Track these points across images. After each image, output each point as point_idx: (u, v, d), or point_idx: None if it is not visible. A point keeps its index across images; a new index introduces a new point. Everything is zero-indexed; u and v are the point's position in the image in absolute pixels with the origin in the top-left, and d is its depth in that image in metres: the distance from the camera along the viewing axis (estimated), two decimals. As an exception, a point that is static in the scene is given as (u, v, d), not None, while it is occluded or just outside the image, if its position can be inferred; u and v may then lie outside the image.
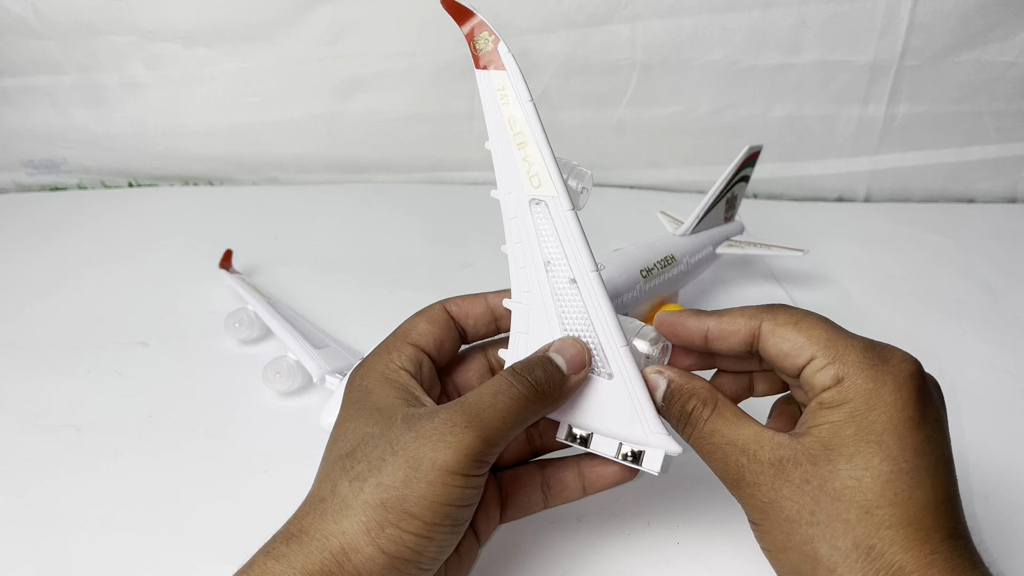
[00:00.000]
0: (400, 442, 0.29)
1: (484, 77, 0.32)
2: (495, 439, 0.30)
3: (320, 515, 0.29)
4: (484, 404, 0.30)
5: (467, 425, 0.29)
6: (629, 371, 0.32)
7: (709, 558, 0.40)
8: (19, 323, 0.61)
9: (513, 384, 0.31)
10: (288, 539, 0.28)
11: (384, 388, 0.32)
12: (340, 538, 0.28)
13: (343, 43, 0.82)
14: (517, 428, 0.31)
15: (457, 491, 0.29)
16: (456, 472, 0.28)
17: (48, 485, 0.44)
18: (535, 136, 0.32)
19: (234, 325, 0.56)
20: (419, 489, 0.28)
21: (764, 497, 0.29)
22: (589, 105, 0.85)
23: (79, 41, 0.81)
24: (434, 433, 0.29)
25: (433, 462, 0.28)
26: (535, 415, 0.32)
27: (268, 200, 0.87)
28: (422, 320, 0.35)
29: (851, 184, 0.90)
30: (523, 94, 0.31)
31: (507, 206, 0.33)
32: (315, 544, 0.28)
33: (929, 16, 0.78)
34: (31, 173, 0.90)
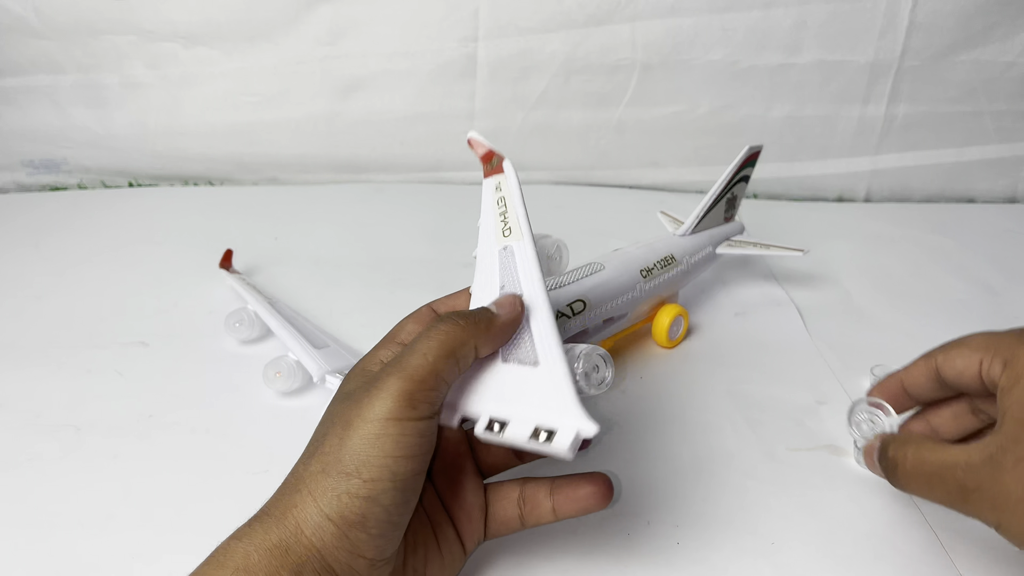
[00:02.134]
0: (339, 412, 0.30)
1: (488, 182, 0.40)
2: (417, 375, 0.30)
3: (279, 495, 0.30)
4: (406, 351, 0.31)
5: (390, 374, 0.30)
6: (554, 356, 0.32)
7: (709, 558, 0.40)
8: (19, 323, 0.61)
9: (435, 324, 0.31)
10: (252, 521, 0.30)
11: (356, 379, 0.33)
12: (293, 511, 0.29)
13: (343, 43, 0.82)
14: (443, 360, 0.30)
15: (391, 439, 0.29)
16: (386, 418, 0.29)
17: (48, 485, 0.44)
18: (514, 202, 0.38)
19: (234, 325, 0.56)
20: (352, 447, 0.29)
21: (993, 496, 0.30)
22: (589, 105, 0.85)
23: (79, 41, 0.81)
24: (364, 393, 0.30)
25: (363, 417, 0.29)
26: (462, 344, 0.31)
27: (268, 200, 0.87)
28: (409, 321, 0.36)
29: (851, 184, 0.90)
30: (512, 180, 0.39)
31: (481, 258, 0.38)
32: (272, 521, 0.29)
33: (929, 16, 0.78)
34: (31, 173, 0.90)
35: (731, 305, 0.64)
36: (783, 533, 0.41)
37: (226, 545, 0.29)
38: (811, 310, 0.63)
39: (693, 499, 0.44)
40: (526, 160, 0.90)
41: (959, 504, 0.31)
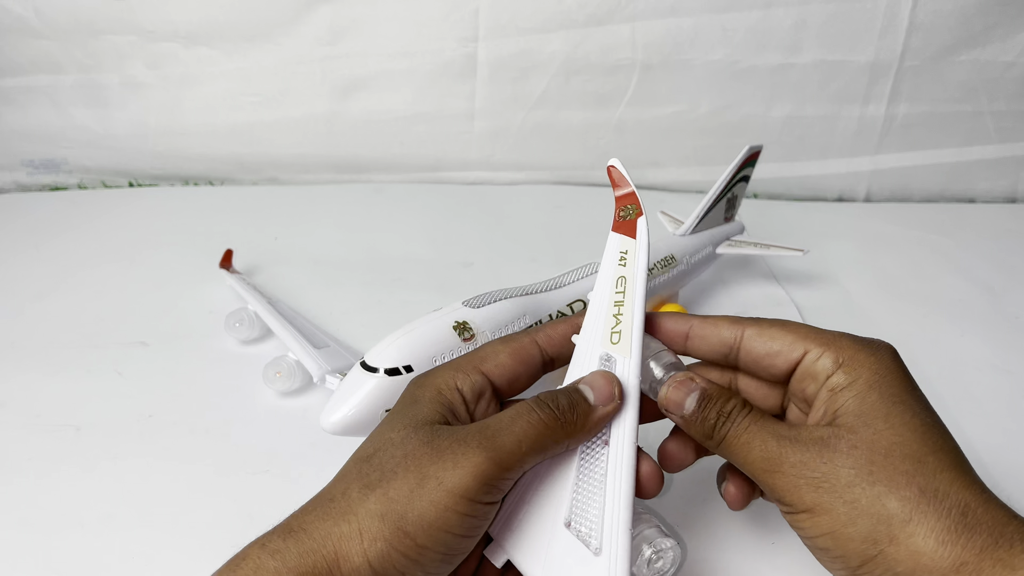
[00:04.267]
0: (415, 455, 0.29)
1: (615, 238, 0.35)
2: (508, 463, 0.29)
3: (323, 515, 0.28)
4: (501, 427, 0.29)
5: (479, 445, 0.28)
6: (619, 556, 0.29)
7: (709, 558, 0.40)
8: (19, 323, 0.61)
9: (533, 409, 0.30)
10: (287, 534, 0.28)
11: (431, 401, 0.31)
12: (336, 543, 0.27)
13: (343, 43, 0.82)
14: (534, 455, 0.30)
15: (458, 517, 0.28)
16: (462, 495, 0.28)
17: (48, 485, 0.44)
18: (635, 301, 0.33)
19: (234, 325, 0.56)
20: (419, 508, 0.27)
21: (815, 473, 0.29)
22: (589, 105, 0.85)
23: (80, 41, 0.81)
24: (447, 450, 0.28)
25: (440, 480, 0.28)
26: (555, 443, 0.31)
27: (268, 200, 0.87)
28: (505, 351, 0.34)
29: (851, 184, 0.90)
30: (642, 262, 0.34)
31: (579, 352, 0.34)
32: (311, 544, 0.27)
33: (929, 16, 0.78)
34: (31, 173, 0.90)
35: (731, 305, 0.64)
36: (783, 533, 0.41)
37: (256, 558, 0.27)
38: (811, 310, 0.63)
39: (693, 499, 0.44)
40: (526, 160, 0.90)
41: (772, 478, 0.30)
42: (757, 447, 0.30)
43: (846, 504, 0.28)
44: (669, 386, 0.33)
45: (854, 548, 0.28)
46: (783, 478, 0.29)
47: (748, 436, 0.31)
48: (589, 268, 0.48)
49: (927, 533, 0.26)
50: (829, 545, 0.29)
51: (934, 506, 0.27)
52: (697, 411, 0.32)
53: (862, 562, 0.27)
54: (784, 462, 0.29)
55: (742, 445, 0.31)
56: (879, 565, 0.27)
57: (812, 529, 0.29)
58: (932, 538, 0.26)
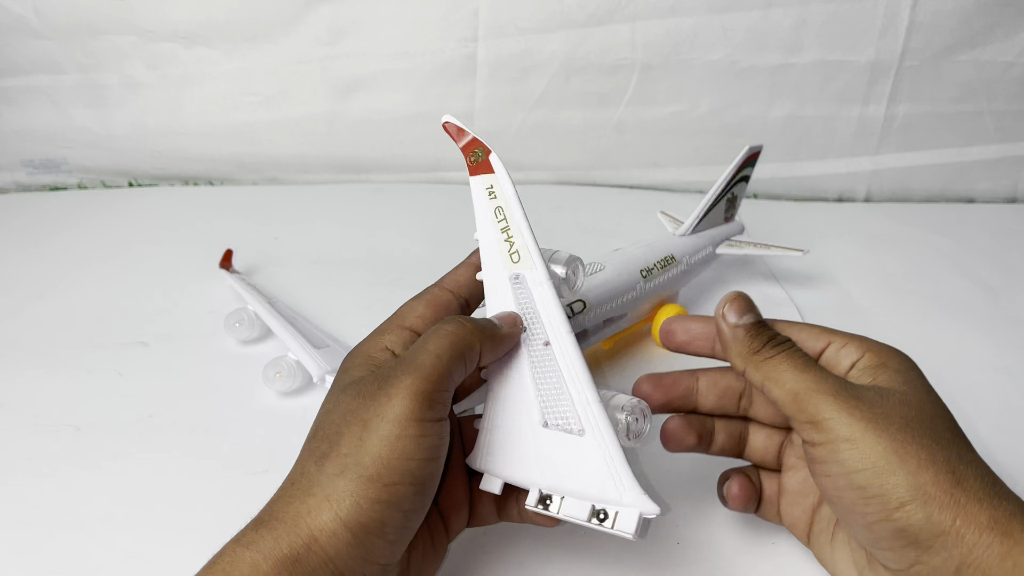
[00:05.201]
0: (350, 409, 0.29)
1: (477, 181, 0.38)
2: (433, 375, 0.29)
3: (289, 499, 0.28)
4: (416, 348, 0.31)
5: (403, 372, 0.29)
6: (601, 426, 0.31)
7: (709, 558, 0.40)
8: (19, 323, 0.61)
9: (441, 324, 0.32)
10: (258, 525, 0.28)
11: (361, 366, 0.32)
12: (306, 518, 0.27)
13: (343, 43, 0.82)
14: (455, 362, 0.31)
15: (412, 440, 0.28)
16: (407, 419, 0.28)
17: (48, 485, 0.44)
18: (517, 220, 0.36)
19: (234, 325, 0.56)
20: (373, 449, 0.28)
21: (870, 407, 0.29)
22: (589, 105, 0.85)
23: (79, 41, 0.81)
24: (377, 391, 0.29)
25: (381, 417, 0.28)
26: (470, 348, 0.31)
27: (268, 200, 0.87)
28: (420, 303, 0.35)
29: (851, 184, 0.90)
30: (508, 188, 0.37)
31: (489, 284, 0.36)
32: (283, 528, 0.27)
33: (929, 16, 0.78)
34: (31, 173, 0.90)
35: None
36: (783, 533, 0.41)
37: (231, 552, 0.27)
38: (811, 310, 0.63)
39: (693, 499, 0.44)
40: (526, 160, 0.90)
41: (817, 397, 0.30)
42: (813, 370, 0.31)
43: (896, 442, 0.28)
44: (727, 302, 0.34)
45: (895, 485, 0.27)
46: (835, 401, 0.29)
47: (803, 360, 0.32)
48: (589, 268, 0.48)
49: (973, 483, 0.27)
50: (868, 481, 0.28)
51: (973, 470, 0.28)
52: (754, 326, 0.33)
53: (901, 503, 0.27)
54: (840, 389, 0.30)
55: (794, 365, 0.31)
56: (920, 509, 0.27)
57: (853, 461, 0.28)
58: (979, 487, 0.27)
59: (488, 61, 0.82)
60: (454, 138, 0.39)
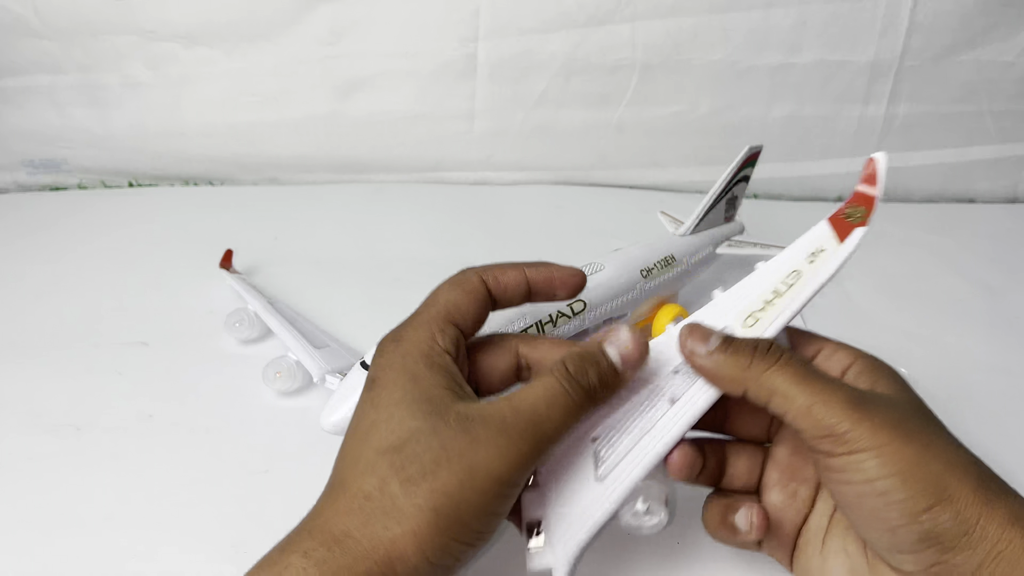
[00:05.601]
0: (455, 447, 0.28)
1: (822, 231, 0.34)
2: (546, 448, 0.29)
3: (367, 517, 0.27)
4: (540, 413, 0.29)
5: (523, 437, 0.29)
6: (618, 492, 0.31)
7: (709, 558, 0.40)
8: (19, 323, 0.61)
9: (569, 392, 0.30)
10: (332, 543, 0.27)
11: (430, 374, 0.30)
12: (388, 547, 0.26)
13: (343, 43, 0.82)
14: (565, 434, 0.30)
15: (506, 500, 0.29)
16: (509, 482, 0.28)
17: (48, 485, 0.44)
18: (797, 301, 0.33)
19: (234, 325, 0.56)
20: (473, 498, 0.27)
21: (891, 413, 0.29)
22: (589, 105, 0.85)
23: (79, 41, 0.81)
24: (490, 441, 0.28)
25: (488, 472, 0.28)
26: (586, 415, 0.31)
27: (268, 200, 0.87)
28: (460, 293, 0.34)
29: (851, 184, 0.88)
30: (830, 270, 0.33)
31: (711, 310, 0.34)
32: (360, 552, 0.26)
33: (929, 16, 0.78)
34: (31, 173, 0.90)
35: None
36: (783, 533, 0.41)
37: (300, 568, 0.26)
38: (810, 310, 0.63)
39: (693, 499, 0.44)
40: (526, 160, 0.90)
41: (850, 408, 0.28)
42: (818, 380, 0.30)
43: (921, 446, 0.28)
44: (684, 340, 0.32)
45: (922, 489, 0.27)
46: (852, 412, 0.28)
47: (803, 368, 0.30)
48: (590, 268, 0.48)
49: (989, 482, 0.28)
50: (893, 487, 0.27)
51: (985, 469, 0.28)
52: (725, 343, 0.31)
53: (929, 506, 0.27)
54: (853, 398, 0.29)
55: (797, 376, 0.30)
56: (947, 510, 0.27)
57: (877, 469, 0.27)
58: (994, 485, 0.28)
59: (488, 61, 0.82)
60: (864, 179, 0.34)
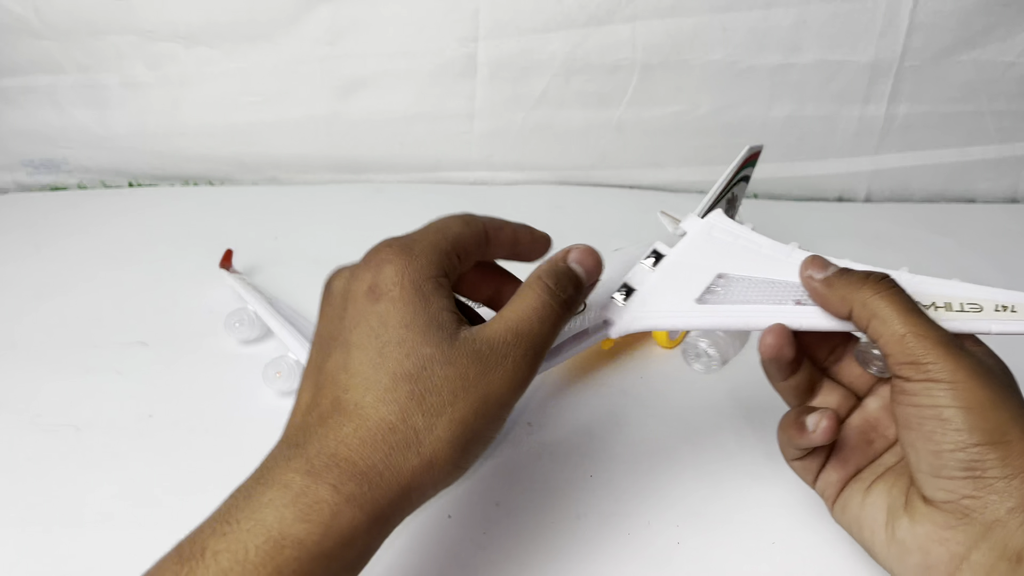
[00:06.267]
0: (470, 376, 0.29)
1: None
2: (543, 354, 0.32)
3: (391, 449, 0.28)
4: (535, 332, 0.32)
5: (525, 358, 0.31)
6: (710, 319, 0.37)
7: (709, 558, 0.40)
8: (19, 323, 0.61)
9: (554, 307, 0.33)
10: (360, 477, 0.27)
11: (437, 296, 0.31)
12: (409, 477, 0.28)
13: (343, 43, 0.82)
14: (553, 340, 0.33)
15: (503, 424, 0.31)
16: (511, 406, 0.31)
17: (48, 485, 0.44)
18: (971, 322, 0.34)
19: (234, 325, 0.56)
20: (483, 425, 0.30)
21: (976, 353, 0.31)
22: (589, 105, 0.85)
23: (79, 41, 0.81)
24: (498, 366, 0.30)
25: (499, 399, 0.30)
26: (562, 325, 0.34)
27: (268, 200, 0.87)
28: (469, 232, 0.35)
29: (851, 184, 0.90)
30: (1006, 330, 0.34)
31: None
32: (384, 484, 0.27)
33: (929, 16, 0.78)
34: (31, 173, 0.90)
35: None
36: (783, 533, 0.41)
37: (332, 504, 0.26)
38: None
39: (693, 499, 0.44)
40: (526, 160, 0.90)
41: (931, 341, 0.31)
42: (920, 316, 0.32)
43: (994, 394, 0.29)
44: (806, 266, 0.36)
45: (982, 427, 0.29)
46: (942, 350, 0.30)
47: (909, 303, 0.32)
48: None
49: None
50: (958, 417, 0.29)
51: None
52: (842, 270, 0.35)
53: (982, 442, 0.29)
54: (947, 339, 0.31)
55: (902, 307, 0.32)
56: (997, 451, 0.29)
57: (947, 399, 0.30)
58: None
59: (488, 61, 0.82)
60: None
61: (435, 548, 0.41)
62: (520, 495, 0.44)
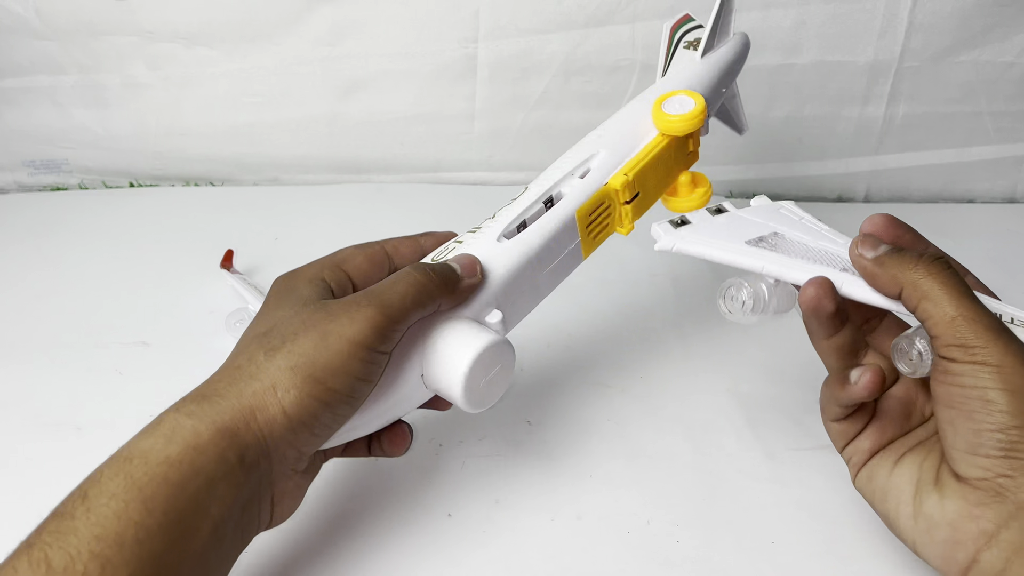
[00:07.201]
0: (312, 319, 0.33)
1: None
2: (395, 315, 0.34)
3: (233, 379, 0.32)
4: (385, 287, 0.35)
5: (369, 303, 0.33)
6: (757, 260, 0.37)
7: (709, 558, 0.40)
8: (19, 323, 0.61)
9: (411, 272, 0.36)
10: (200, 399, 0.31)
11: (306, 286, 0.36)
12: (250, 398, 0.31)
13: (344, 43, 0.82)
14: (416, 309, 0.35)
15: (359, 362, 0.32)
16: (360, 343, 0.32)
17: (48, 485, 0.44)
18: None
19: (235, 325, 0.57)
20: (326, 356, 0.32)
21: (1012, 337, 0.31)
22: (589, 105, 0.85)
23: (80, 41, 0.81)
24: (342, 311, 0.33)
25: (340, 334, 0.32)
26: (431, 300, 0.36)
27: (269, 200, 0.87)
28: (360, 254, 0.39)
29: (851, 184, 0.90)
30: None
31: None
32: (225, 403, 0.31)
33: (928, 17, 0.78)
34: (32, 173, 0.90)
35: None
36: (783, 533, 0.42)
37: (172, 419, 0.30)
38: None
39: (693, 499, 0.44)
40: (526, 160, 0.90)
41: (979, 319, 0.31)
42: (971, 299, 0.32)
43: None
44: (858, 244, 0.36)
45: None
46: (992, 335, 0.30)
47: (962, 286, 0.32)
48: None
49: None
50: (1002, 399, 0.30)
51: None
52: (894, 250, 0.35)
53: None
54: (997, 325, 0.31)
55: (953, 290, 0.32)
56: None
57: (992, 381, 0.30)
58: None
59: (488, 62, 0.82)
60: None
61: (435, 548, 0.41)
62: (520, 495, 0.44)
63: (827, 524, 0.42)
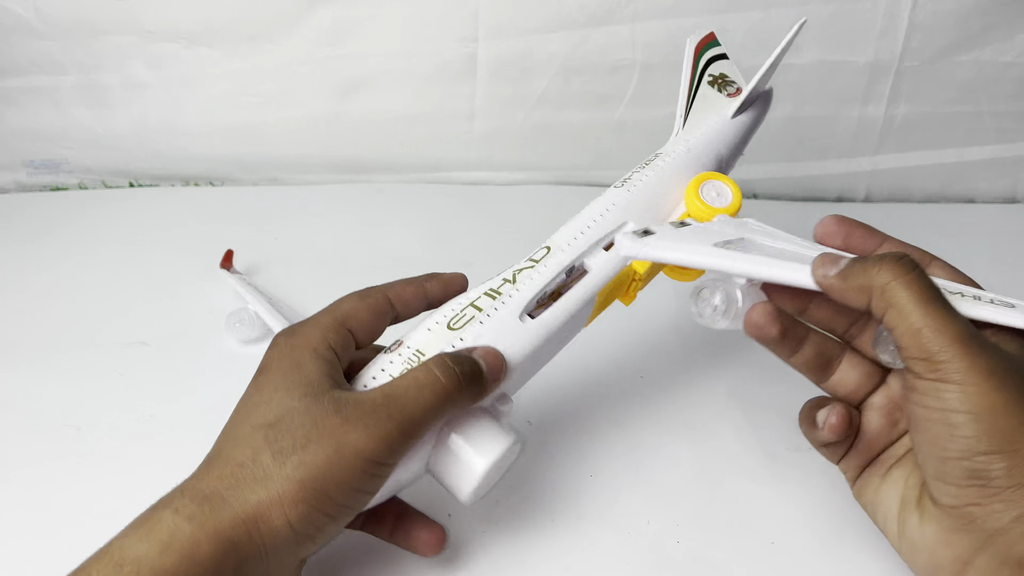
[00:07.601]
0: (326, 424, 0.31)
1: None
2: (414, 432, 0.32)
3: (237, 481, 0.30)
4: (409, 397, 0.32)
5: (389, 417, 0.31)
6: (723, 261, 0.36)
7: (709, 558, 0.40)
8: (19, 323, 0.61)
9: (438, 378, 0.33)
10: (201, 500, 0.29)
11: (313, 362, 0.33)
12: (255, 507, 0.29)
13: (344, 43, 0.82)
14: (437, 420, 0.33)
15: (370, 478, 0.31)
16: (374, 460, 0.31)
17: (48, 485, 0.44)
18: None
19: (235, 325, 0.57)
20: (339, 473, 0.30)
21: (992, 355, 0.29)
22: (589, 105, 0.85)
23: (80, 41, 0.81)
24: (359, 420, 0.31)
25: (356, 449, 0.30)
26: (455, 407, 0.34)
27: (269, 200, 0.87)
28: (360, 303, 0.37)
29: (851, 184, 0.90)
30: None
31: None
32: (228, 511, 0.29)
33: (929, 16, 0.78)
34: (32, 173, 0.90)
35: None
36: (783, 533, 0.42)
37: (171, 524, 0.28)
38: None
39: (693, 499, 0.44)
40: (526, 160, 0.90)
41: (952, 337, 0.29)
42: (939, 306, 0.30)
43: (1009, 398, 0.28)
44: (817, 266, 0.33)
45: (990, 434, 0.28)
46: (959, 348, 0.28)
47: (929, 290, 0.30)
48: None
49: None
50: (965, 423, 0.28)
51: None
52: (856, 260, 0.32)
53: (989, 450, 0.28)
54: (965, 336, 0.29)
55: (920, 296, 0.30)
56: (1004, 460, 0.28)
57: (957, 403, 0.28)
58: None
59: (488, 61, 0.82)
60: None
61: (435, 548, 0.41)
62: (520, 495, 0.44)
63: (827, 524, 0.42)
